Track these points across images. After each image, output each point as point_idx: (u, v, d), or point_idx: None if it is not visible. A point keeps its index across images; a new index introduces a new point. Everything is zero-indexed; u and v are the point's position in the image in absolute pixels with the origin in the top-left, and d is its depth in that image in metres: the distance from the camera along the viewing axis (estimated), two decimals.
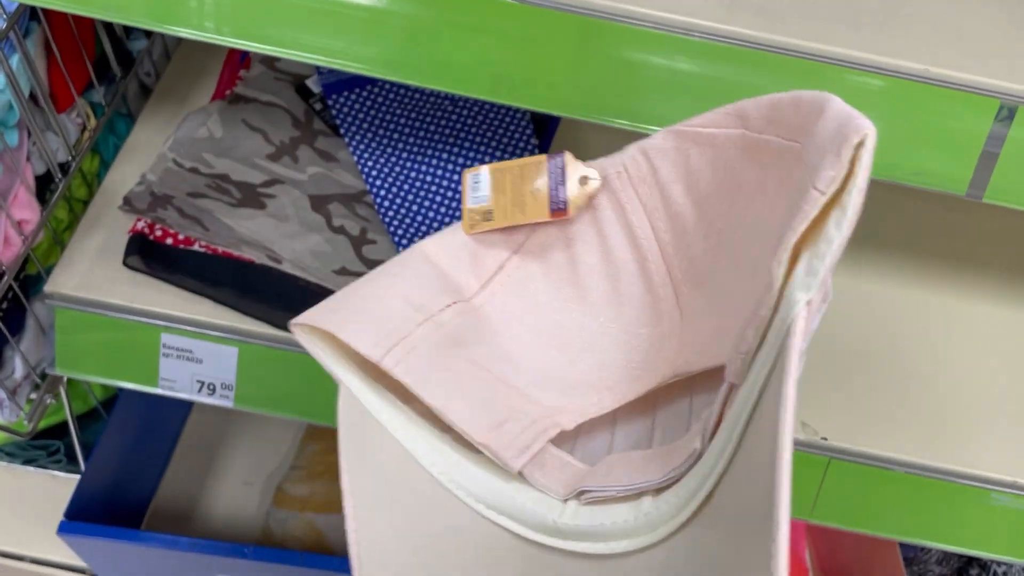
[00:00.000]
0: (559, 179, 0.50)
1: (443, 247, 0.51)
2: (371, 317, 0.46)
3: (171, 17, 0.52)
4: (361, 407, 0.47)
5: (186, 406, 0.98)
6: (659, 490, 0.41)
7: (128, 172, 0.73)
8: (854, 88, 0.50)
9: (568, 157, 0.50)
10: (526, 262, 0.52)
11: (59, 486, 0.84)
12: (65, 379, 0.74)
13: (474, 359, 0.47)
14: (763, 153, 0.43)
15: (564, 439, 0.48)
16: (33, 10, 0.63)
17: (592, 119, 0.53)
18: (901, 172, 0.52)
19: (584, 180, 0.50)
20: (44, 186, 0.69)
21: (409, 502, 0.45)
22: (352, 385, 0.47)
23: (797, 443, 0.64)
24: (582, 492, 0.43)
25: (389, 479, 0.46)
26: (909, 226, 0.77)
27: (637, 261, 0.51)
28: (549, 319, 0.52)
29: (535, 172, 0.50)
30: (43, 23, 0.64)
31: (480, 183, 0.52)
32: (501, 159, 0.71)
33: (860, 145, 0.34)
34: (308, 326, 0.47)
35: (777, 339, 0.35)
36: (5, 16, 0.59)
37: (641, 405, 0.51)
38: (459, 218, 0.68)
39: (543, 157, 0.51)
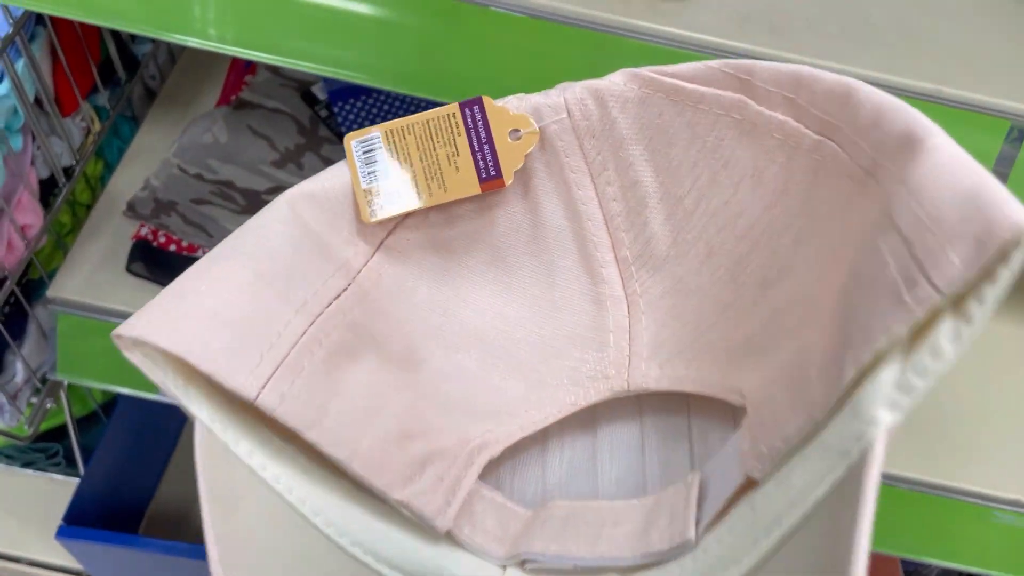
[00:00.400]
0: (483, 136, 0.38)
1: (317, 200, 0.37)
2: (234, 328, 0.32)
3: (182, 27, 0.52)
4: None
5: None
6: (625, 571, 0.33)
7: (132, 176, 0.72)
8: None
9: (487, 103, 0.39)
10: (425, 227, 0.40)
11: (57, 489, 0.84)
12: (66, 383, 0.73)
13: (373, 373, 0.36)
14: (767, 133, 0.35)
15: (489, 468, 0.40)
16: (39, 14, 0.62)
17: None
18: None
19: (515, 132, 0.39)
20: (48, 190, 0.68)
21: (296, 563, 0.32)
22: (208, 420, 0.32)
23: None
24: (525, 561, 0.35)
25: (267, 533, 0.32)
26: None
27: (573, 232, 0.41)
28: (456, 307, 0.40)
29: (448, 129, 0.39)
30: (48, 27, 0.64)
31: (374, 152, 0.39)
32: None
33: (1014, 245, 0.23)
34: (137, 340, 0.32)
35: (833, 455, 0.27)
36: (11, 21, 0.58)
37: (586, 420, 0.42)
38: None
39: (454, 107, 0.39)
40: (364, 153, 0.39)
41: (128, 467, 0.87)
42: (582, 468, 0.41)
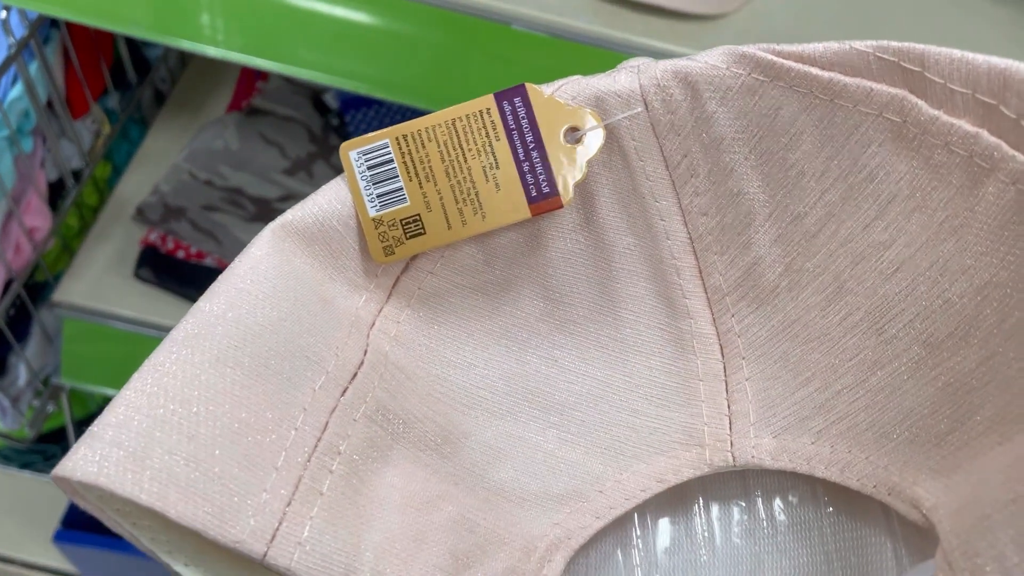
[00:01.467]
0: (529, 140, 0.29)
1: (309, 236, 0.28)
2: (222, 456, 0.23)
3: (193, 35, 0.52)
4: None
5: None
6: None
7: (140, 180, 0.72)
8: None
9: (532, 92, 0.29)
10: (455, 264, 0.30)
11: (55, 491, 0.83)
12: (68, 387, 0.73)
13: (408, 477, 0.28)
14: (942, 146, 0.26)
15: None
16: (53, 18, 0.62)
17: None
18: None
19: (572, 132, 0.29)
20: (56, 193, 0.68)
21: None
22: None
23: None
24: None
25: None
26: None
27: (646, 253, 0.31)
28: (499, 360, 0.31)
29: (481, 131, 0.29)
30: (62, 30, 0.63)
31: (383, 167, 0.29)
32: None
33: None
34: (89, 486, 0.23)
35: None
36: (26, 24, 0.58)
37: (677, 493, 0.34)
38: None
39: (488, 100, 0.29)
40: (369, 168, 0.28)
41: None
42: (679, 562, 0.33)
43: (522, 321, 0.32)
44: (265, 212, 0.68)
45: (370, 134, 0.29)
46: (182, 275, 0.65)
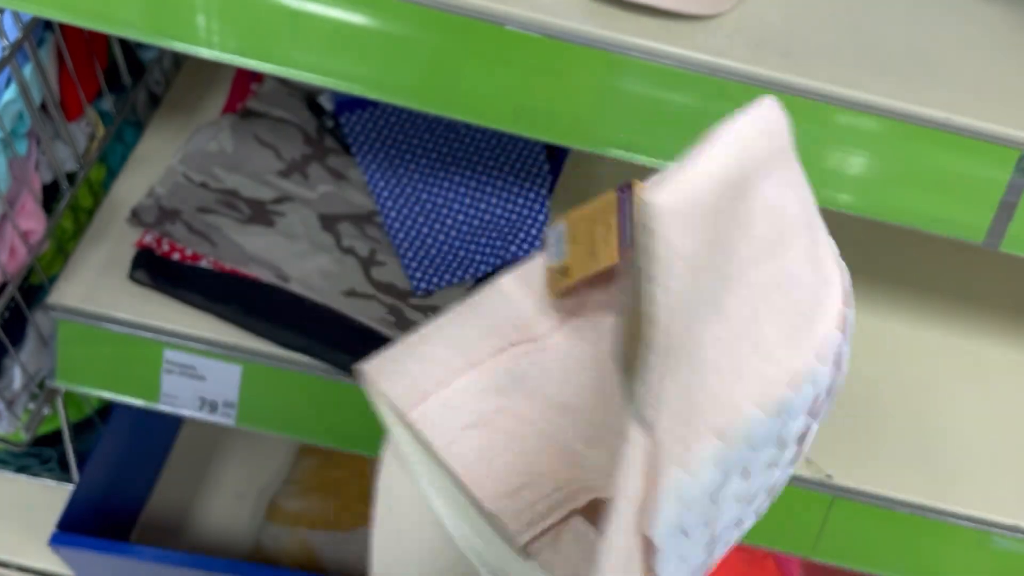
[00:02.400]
0: (628, 213, 0.43)
1: (521, 278, 0.45)
2: (412, 363, 0.42)
3: (187, 36, 0.52)
4: (400, 459, 0.43)
5: (179, 419, 0.97)
6: None
7: (135, 183, 0.72)
8: (876, 133, 0.50)
9: (637, 188, 0.42)
10: (606, 301, 0.46)
11: (51, 494, 0.83)
12: (63, 390, 0.73)
13: (520, 411, 0.43)
14: None
15: None
16: (47, 20, 0.62)
17: (616, 154, 0.53)
18: (920, 218, 0.52)
19: None
20: (50, 195, 0.68)
21: (431, 568, 0.43)
22: (393, 431, 0.42)
23: (802, 479, 0.64)
24: None
25: (414, 539, 0.43)
26: (922, 269, 0.77)
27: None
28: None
29: (606, 211, 0.43)
30: (56, 33, 0.63)
31: (559, 237, 0.45)
32: (513, 183, 0.70)
33: None
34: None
35: None
36: (20, 26, 0.58)
37: None
38: (469, 240, 0.68)
39: (612, 195, 0.44)
40: (553, 239, 0.45)
41: (122, 474, 0.87)
42: None
43: None
44: (260, 213, 0.68)
45: (557, 219, 0.44)
46: (177, 277, 0.65)
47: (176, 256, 0.65)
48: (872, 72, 0.51)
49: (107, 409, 0.84)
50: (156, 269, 0.65)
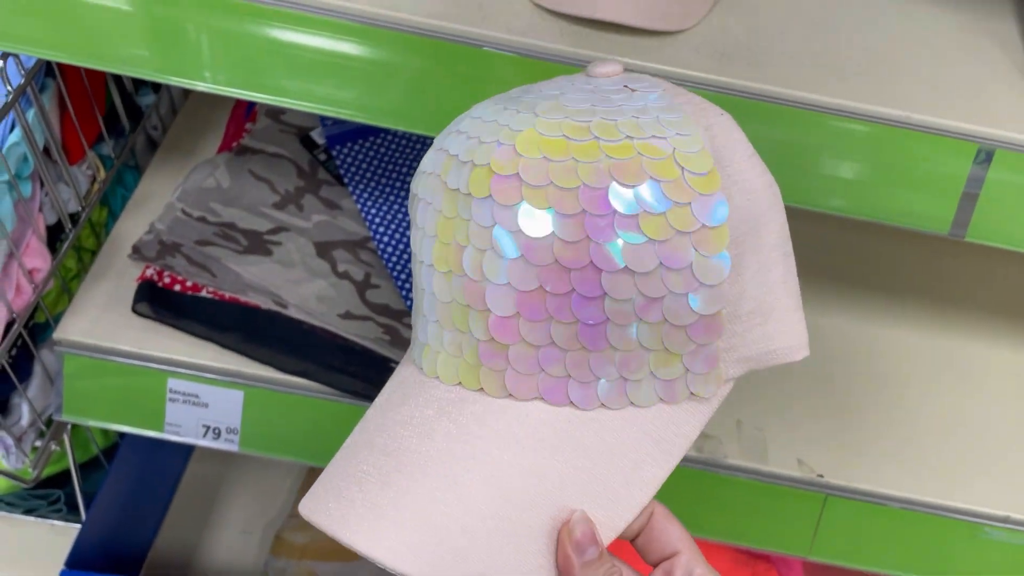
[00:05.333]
0: None
1: None
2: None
3: (184, 71, 0.55)
4: None
5: (186, 453, 0.98)
6: None
7: (135, 223, 0.74)
8: (840, 134, 0.53)
9: None
10: None
11: (59, 536, 0.84)
12: (69, 426, 0.74)
13: None
14: None
15: None
16: (49, 66, 0.65)
17: None
18: (886, 213, 0.54)
19: None
20: (54, 235, 0.70)
21: None
22: None
23: (794, 480, 0.65)
24: None
25: None
26: (904, 267, 0.79)
27: None
28: None
29: None
30: (58, 79, 0.66)
31: None
32: None
33: None
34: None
35: None
36: (23, 72, 0.61)
37: None
38: None
39: None
40: None
41: (129, 512, 0.88)
42: None
43: None
44: (257, 244, 0.70)
45: None
46: (179, 308, 0.67)
47: (177, 287, 0.67)
48: (834, 76, 0.54)
49: (113, 448, 0.86)
50: (158, 301, 0.67)
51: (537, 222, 0.38)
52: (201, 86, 0.55)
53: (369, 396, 0.65)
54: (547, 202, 0.38)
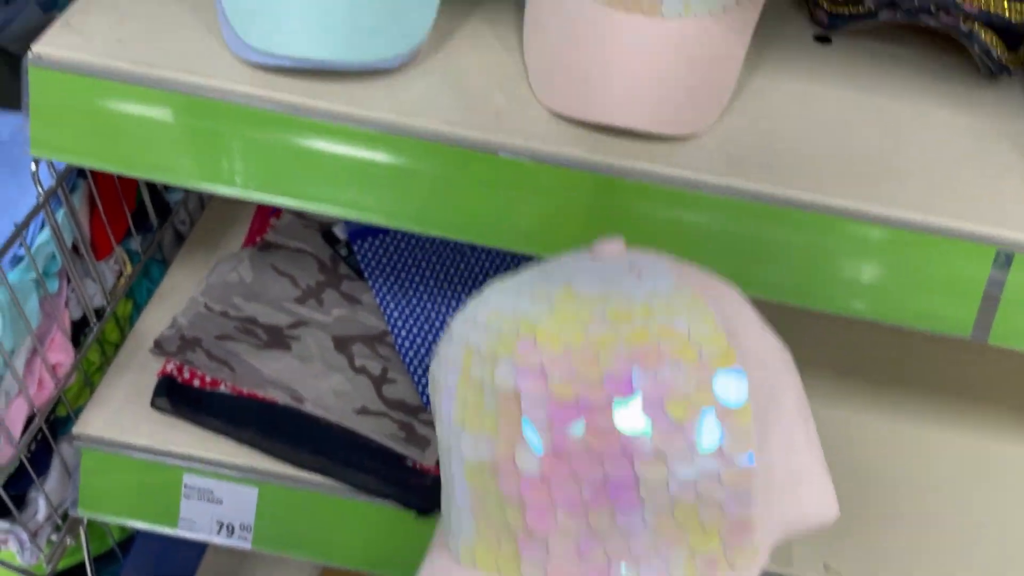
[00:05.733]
0: None
1: None
2: None
3: (213, 178, 0.56)
4: None
5: (200, 549, 0.97)
6: None
7: (159, 317, 0.75)
8: (856, 239, 0.53)
9: None
10: None
11: None
12: (85, 521, 0.74)
13: None
14: None
15: None
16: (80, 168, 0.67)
17: None
18: (907, 316, 0.54)
19: None
20: (79, 329, 0.71)
21: None
22: None
23: None
24: None
25: None
26: (930, 366, 0.78)
27: None
28: None
29: None
30: (89, 179, 0.68)
31: None
32: None
33: None
34: None
35: None
36: (54, 174, 0.63)
37: None
38: None
39: None
40: None
41: None
42: None
43: None
44: (276, 339, 0.71)
45: None
46: (197, 403, 0.67)
47: (196, 383, 0.68)
48: (847, 179, 0.54)
49: (129, 540, 0.85)
50: (177, 396, 0.68)
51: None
52: (227, 191, 0.57)
53: (385, 494, 0.65)
54: (574, 394, 0.38)
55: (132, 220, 0.75)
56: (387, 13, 0.55)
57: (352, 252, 0.77)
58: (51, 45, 0.55)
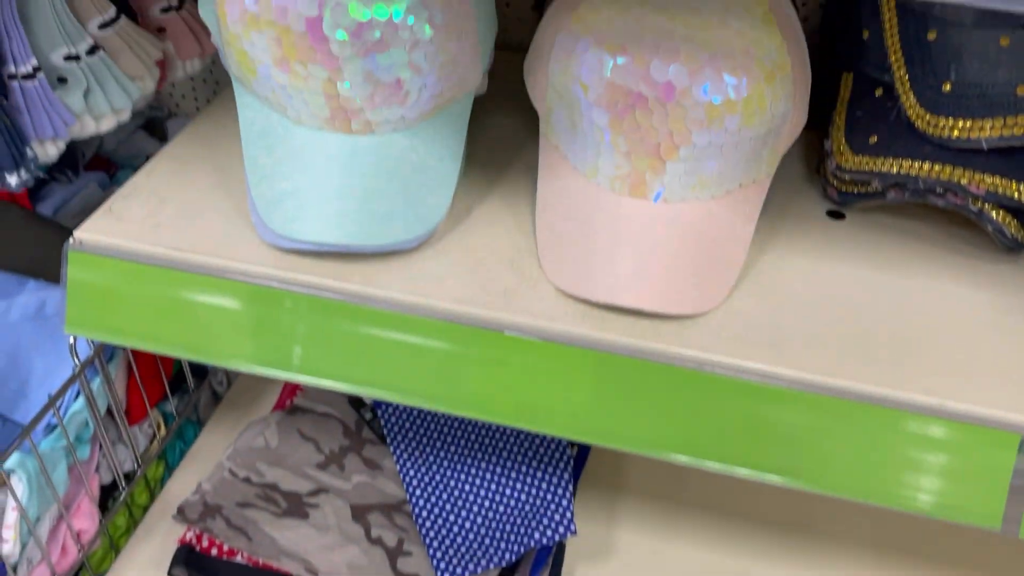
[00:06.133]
0: None
1: None
2: None
3: (233, 355, 0.58)
4: None
5: None
6: None
7: (189, 479, 0.77)
8: (869, 423, 0.51)
9: None
10: None
11: None
12: None
13: None
14: None
15: None
16: None
17: (614, 446, 0.55)
18: (927, 506, 0.51)
19: None
20: (108, 492, 0.73)
21: None
22: None
23: None
24: None
25: None
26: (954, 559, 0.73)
27: None
28: None
29: None
30: (127, 348, 0.71)
31: None
32: (537, 470, 0.72)
33: None
34: None
35: None
36: (92, 344, 0.66)
37: None
38: (494, 528, 0.69)
39: None
40: None
41: None
42: None
43: None
44: (295, 506, 0.71)
45: None
46: (213, 572, 0.67)
47: (214, 551, 0.68)
48: (860, 360, 0.53)
49: None
50: (194, 565, 0.68)
51: None
52: (248, 368, 0.58)
53: None
54: None
55: (169, 381, 0.78)
56: (403, 198, 0.57)
57: (376, 416, 0.78)
58: (92, 231, 0.59)
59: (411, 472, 0.73)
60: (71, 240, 0.58)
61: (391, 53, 0.54)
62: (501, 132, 0.71)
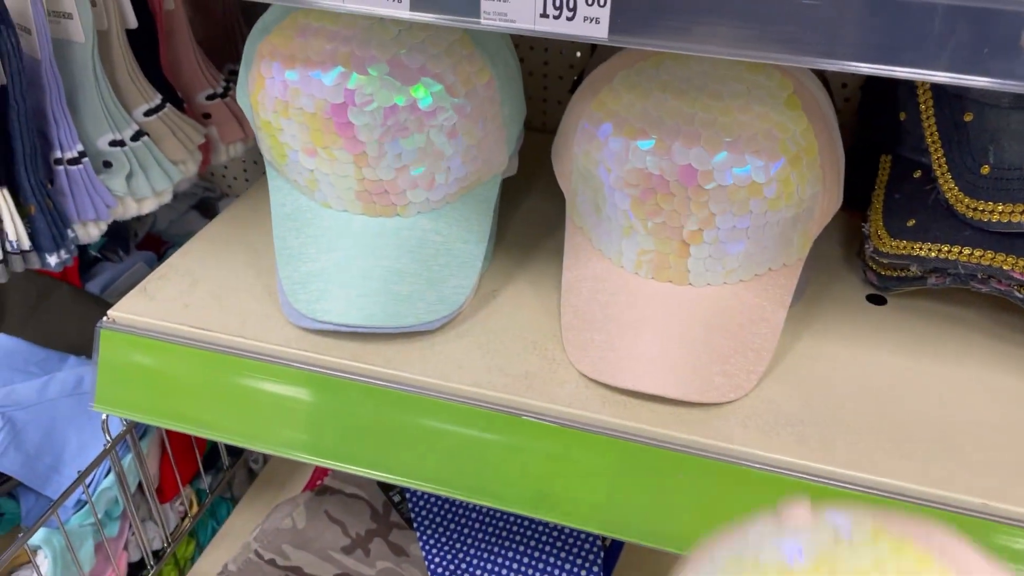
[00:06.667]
0: None
1: None
2: None
3: (253, 436, 0.58)
4: None
5: None
6: None
7: (221, 557, 0.76)
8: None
9: None
10: None
11: None
12: None
13: None
14: None
15: None
16: None
17: (636, 541, 0.53)
18: None
19: None
20: (136, 571, 0.72)
21: None
22: None
23: None
24: None
25: None
26: None
27: None
28: None
29: None
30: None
31: None
32: (565, 561, 0.69)
33: None
34: None
35: None
36: (124, 421, 0.67)
37: None
38: None
39: None
40: None
41: None
42: None
43: None
44: None
45: None
46: None
47: None
48: (895, 455, 0.50)
49: None
50: None
51: None
52: (266, 449, 0.58)
53: None
54: None
55: (203, 458, 0.78)
56: (426, 280, 0.57)
57: (404, 499, 0.76)
58: (125, 310, 0.60)
59: (436, 560, 0.71)
60: (104, 319, 0.60)
61: (415, 138, 0.55)
62: (534, 213, 0.71)
